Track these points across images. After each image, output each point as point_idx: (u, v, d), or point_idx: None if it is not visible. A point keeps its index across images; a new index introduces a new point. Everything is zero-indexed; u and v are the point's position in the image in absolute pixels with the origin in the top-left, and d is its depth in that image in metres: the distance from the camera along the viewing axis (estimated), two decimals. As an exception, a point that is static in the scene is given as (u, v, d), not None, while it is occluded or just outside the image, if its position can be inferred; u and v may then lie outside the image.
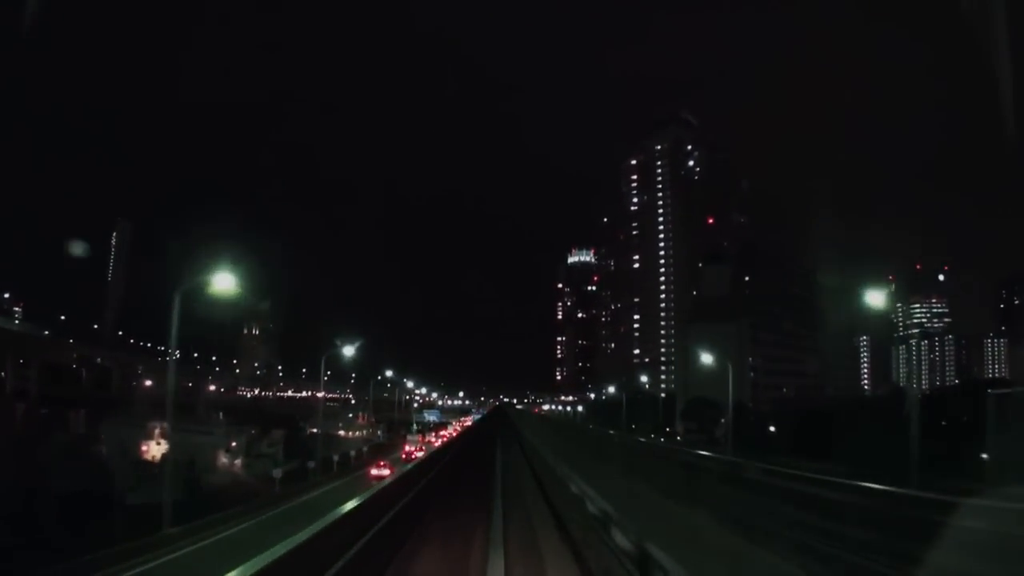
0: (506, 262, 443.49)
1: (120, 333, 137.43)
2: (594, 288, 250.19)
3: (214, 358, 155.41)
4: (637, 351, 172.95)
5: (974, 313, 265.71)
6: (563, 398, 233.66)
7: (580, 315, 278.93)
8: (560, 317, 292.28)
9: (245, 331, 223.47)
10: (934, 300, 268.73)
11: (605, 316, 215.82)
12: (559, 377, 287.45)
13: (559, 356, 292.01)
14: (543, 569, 15.01)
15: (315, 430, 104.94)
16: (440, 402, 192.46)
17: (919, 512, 9.84)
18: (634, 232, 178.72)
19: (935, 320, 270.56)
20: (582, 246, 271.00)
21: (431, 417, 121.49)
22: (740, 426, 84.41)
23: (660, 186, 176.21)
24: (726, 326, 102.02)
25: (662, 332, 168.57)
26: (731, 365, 55.16)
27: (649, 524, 11.44)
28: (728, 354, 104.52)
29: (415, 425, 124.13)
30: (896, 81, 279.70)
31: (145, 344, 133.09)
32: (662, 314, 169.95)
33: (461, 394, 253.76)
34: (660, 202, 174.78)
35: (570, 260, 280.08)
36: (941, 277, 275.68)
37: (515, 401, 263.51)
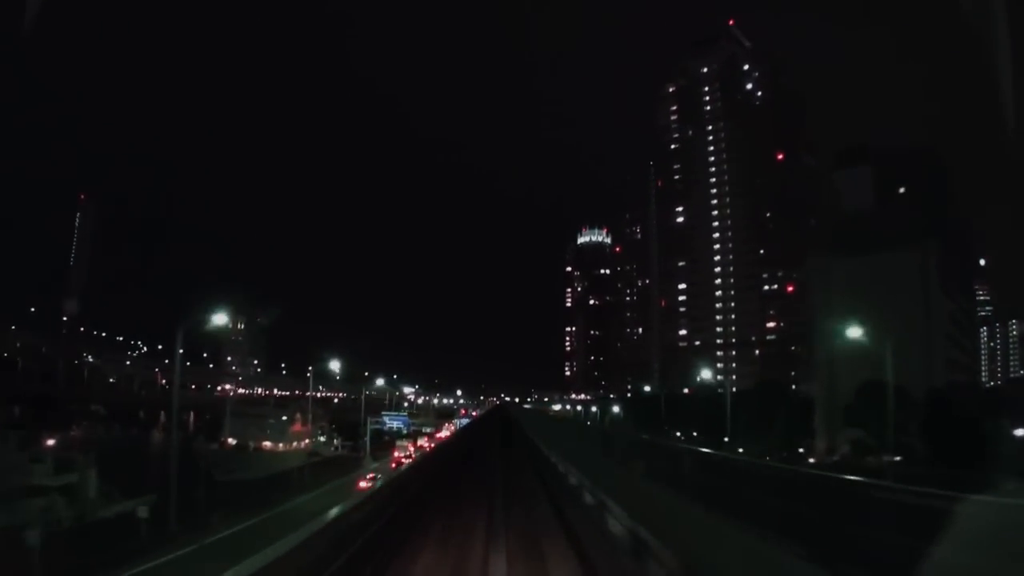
0: (506, 246, 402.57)
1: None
2: (608, 272, 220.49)
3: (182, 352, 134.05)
4: (683, 332, 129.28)
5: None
6: (574, 396, 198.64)
7: (592, 302, 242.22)
8: (570, 305, 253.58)
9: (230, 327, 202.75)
10: (976, 287, 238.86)
11: (630, 294, 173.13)
12: (568, 373, 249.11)
13: (568, 349, 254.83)
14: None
15: (230, 440, 74.05)
16: (418, 400, 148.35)
17: None
18: (676, 177, 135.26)
19: (978, 308, 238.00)
20: (593, 224, 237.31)
21: (394, 423, 78.48)
22: (950, 431, 44.44)
23: (709, 116, 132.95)
24: (897, 257, 57.38)
25: (718, 305, 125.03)
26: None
27: None
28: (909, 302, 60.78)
29: (395, 434, 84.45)
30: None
31: (101, 333, 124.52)
32: (717, 281, 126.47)
33: (459, 392, 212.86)
34: (711, 137, 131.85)
35: (580, 240, 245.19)
36: (982, 262, 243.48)
37: (517, 400, 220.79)
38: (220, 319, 26.25)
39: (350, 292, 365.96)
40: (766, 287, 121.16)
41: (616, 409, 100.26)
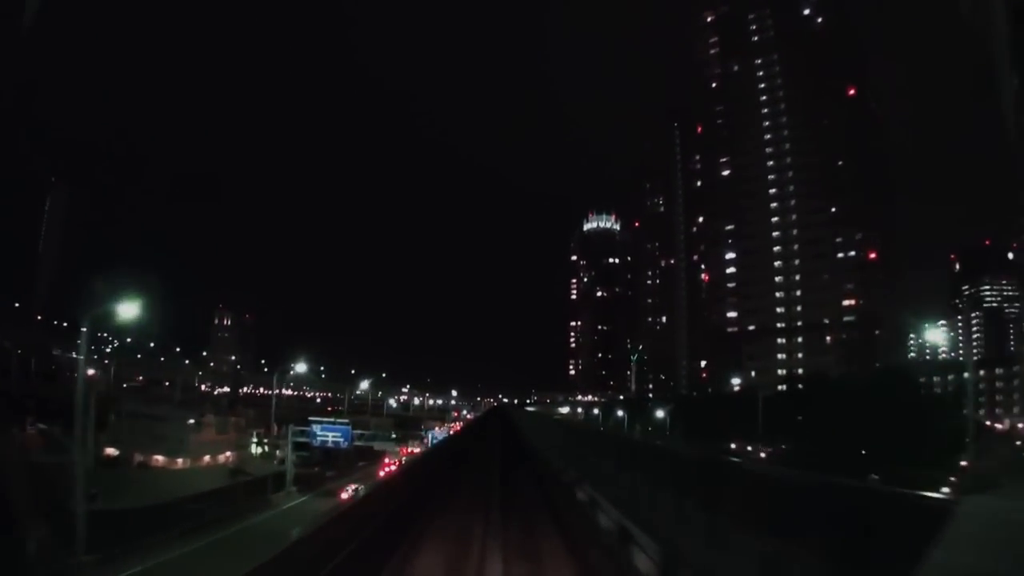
0: (507, 237, 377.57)
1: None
2: (617, 260, 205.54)
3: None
4: (733, 314, 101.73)
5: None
6: (580, 397, 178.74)
7: (600, 293, 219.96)
8: (575, 297, 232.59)
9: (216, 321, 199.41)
10: (1004, 281, 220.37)
11: (652, 277, 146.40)
12: (573, 372, 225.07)
13: (572, 346, 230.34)
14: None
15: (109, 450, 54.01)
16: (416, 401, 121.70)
17: None
18: (719, 121, 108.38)
19: (1007, 304, 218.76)
20: (601, 210, 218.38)
21: (328, 434, 51.35)
22: None
23: (759, 47, 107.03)
24: None
25: (778, 279, 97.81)
26: None
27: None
28: None
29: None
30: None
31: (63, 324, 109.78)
32: (776, 248, 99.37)
33: (454, 393, 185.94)
34: (761, 72, 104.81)
35: (586, 227, 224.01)
36: (1010, 255, 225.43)
37: (516, 401, 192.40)
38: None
39: (347, 291, 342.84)
40: (840, 254, 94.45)
41: (660, 413, 73.22)
